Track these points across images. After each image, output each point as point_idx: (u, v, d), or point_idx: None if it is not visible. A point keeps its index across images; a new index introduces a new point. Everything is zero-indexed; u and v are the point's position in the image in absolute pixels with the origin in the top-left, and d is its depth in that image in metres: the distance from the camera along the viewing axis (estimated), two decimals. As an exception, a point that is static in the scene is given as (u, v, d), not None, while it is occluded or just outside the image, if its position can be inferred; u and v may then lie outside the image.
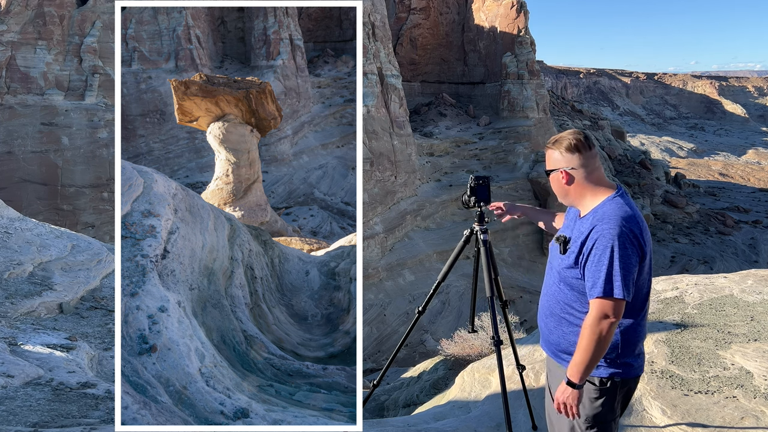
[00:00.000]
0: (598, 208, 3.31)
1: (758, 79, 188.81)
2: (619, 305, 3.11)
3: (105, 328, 7.16)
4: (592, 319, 3.13)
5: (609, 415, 3.37)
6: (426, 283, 51.91)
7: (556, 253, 3.46)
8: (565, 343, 3.44)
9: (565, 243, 3.38)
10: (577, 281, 3.32)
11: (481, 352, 9.13)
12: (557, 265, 3.44)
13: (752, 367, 5.32)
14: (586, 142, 3.39)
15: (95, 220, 50.30)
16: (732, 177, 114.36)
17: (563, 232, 3.50)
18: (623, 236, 3.13)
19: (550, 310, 3.51)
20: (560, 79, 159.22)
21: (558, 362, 3.54)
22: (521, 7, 74.35)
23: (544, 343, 3.67)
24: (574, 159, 3.39)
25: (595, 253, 3.15)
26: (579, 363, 3.18)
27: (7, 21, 50.86)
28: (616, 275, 3.09)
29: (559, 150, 3.42)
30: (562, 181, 3.44)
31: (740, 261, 65.12)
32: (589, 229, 3.25)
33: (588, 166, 3.38)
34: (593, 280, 3.14)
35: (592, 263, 3.16)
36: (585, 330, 3.16)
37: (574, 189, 3.42)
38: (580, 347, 3.17)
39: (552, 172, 3.48)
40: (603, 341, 3.11)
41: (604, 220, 3.20)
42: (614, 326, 3.11)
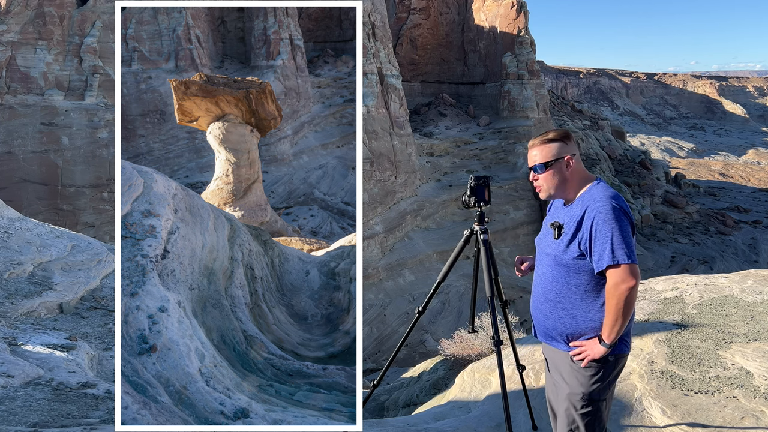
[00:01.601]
0: (586, 194, 3.57)
1: (758, 79, 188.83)
2: (632, 269, 3.32)
3: (105, 328, 7.16)
4: (611, 286, 3.36)
5: (603, 392, 3.57)
6: (426, 283, 51.92)
7: (550, 240, 3.66)
8: (561, 326, 3.61)
9: (559, 228, 3.59)
10: (573, 261, 3.51)
11: (481, 352, 9.13)
12: (552, 250, 3.63)
13: (752, 367, 5.32)
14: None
15: (95, 220, 50.30)
16: (732, 177, 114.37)
17: (554, 219, 3.70)
18: (616, 210, 3.39)
19: (544, 297, 3.67)
20: (560, 79, 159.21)
21: (555, 346, 3.69)
22: (521, 7, 74.35)
23: (540, 332, 3.80)
24: (574, 146, 3.66)
25: (596, 229, 3.39)
26: (607, 325, 3.41)
27: (7, 21, 50.86)
28: (620, 244, 3.33)
29: (563, 140, 3.64)
30: (565, 170, 3.61)
31: (740, 261, 65.11)
32: (581, 212, 3.49)
33: (578, 155, 3.70)
34: (599, 253, 3.38)
35: (595, 239, 3.39)
36: (608, 297, 3.39)
37: (572, 175, 3.63)
38: (609, 312, 3.39)
39: (557, 161, 3.61)
40: (627, 304, 3.33)
41: (595, 200, 3.46)
42: (635, 289, 3.33)
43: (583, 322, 3.54)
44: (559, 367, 3.67)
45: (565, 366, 3.62)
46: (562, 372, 3.65)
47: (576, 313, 3.55)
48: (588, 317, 3.53)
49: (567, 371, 3.61)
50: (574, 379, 3.57)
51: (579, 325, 3.55)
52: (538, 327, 3.81)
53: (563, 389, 3.63)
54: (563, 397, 3.62)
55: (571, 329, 3.57)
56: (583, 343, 3.55)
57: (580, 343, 3.56)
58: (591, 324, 3.53)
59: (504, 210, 61.17)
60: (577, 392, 3.55)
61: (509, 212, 61.48)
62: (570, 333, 3.59)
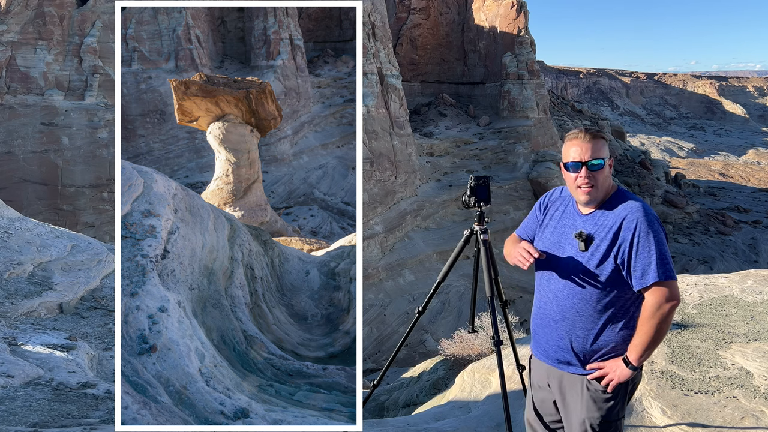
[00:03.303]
0: (617, 201, 3.25)
1: (758, 79, 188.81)
2: (676, 287, 3.10)
3: (105, 328, 7.16)
4: (654, 303, 3.07)
5: (622, 411, 3.33)
6: (426, 283, 51.90)
7: (570, 252, 3.28)
8: (578, 345, 3.31)
9: (588, 240, 3.23)
10: (604, 276, 3.18)
11: (481, 352, 9.13)
12: (574, 263, 3.26)
13: (752, 367, 5.31)
14: None
15: (95, 220, 50.29)
16: (732, 177, 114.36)
17: (574, 229, 3.31)
18: (657, 223, 3.14)
19: (561, 315, 3.33)
20: (560, 79, 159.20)
21: (566, 370, 3.37)
22: (521, 7, 74.36)
23: (548, 355, 3.46)
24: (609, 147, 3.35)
25: (638, 242, 3.10)
26: (640, 345, 3.13)
27: (7, 21, 50.86)
28: (666, 258, 3.08)
29: (604, 138, 3.30)
30: (610, 172, 3.29)
31: (740, 261, 65.12)
32: (617, 221, 3.17)
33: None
34: (642, 269, 3.08)
35: (639, 252, 3.09)
36: (647, 315, 3.10)
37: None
38: (642, 331, 3.12)
39: (606, 159, 3.26)
40: (666, 324, 3.09)
41: (634, 210, 3.16)
42: (675, 308, 3.10)
43: (604, 341, 3.25)
44: (571, 391, 3.36)
45: (580, 391, 3.31)
46: (574, 397, 3.34)
47: (598, 332, 3.25)
48: (610, 336, 3.25)
49: (582, 396, 3.30)
50: (592, 404, 3.27)
51: (599, 345, 3.27)
52: (547, 349, 3.44)
53: (577, 414, 3.32)
54: (577, 422, 3.31)
55: (590, 349, 3.28)
56: (602, 365, 3.26)
57: (599, 366, 3.26)
58: (612, 343, 3.25)
59: (504, 210, 61.14)
60: (595, 416, 3.25)
61: (509, 212, 61.44)
62: (588, 353, 3.29)
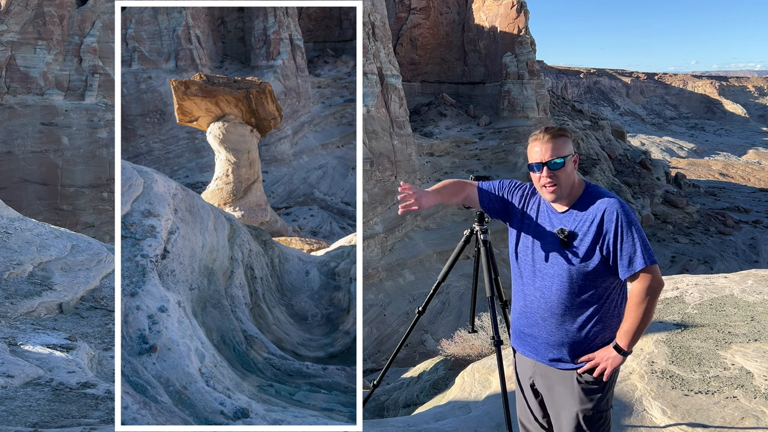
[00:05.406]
0: (592, 196, 3.35)
1: (758, 79, 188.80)
2: (659, 270, 3.23)
3: (105, 328, 7.16)
4: (642, 289, 3.18)
5: (610, 400, 3.44)
6: (426, 283, 51.92)
7: (552, 248, 3.36)
8: (568, 340, 3.37)
9: (570, 236, 3.31)
10: (591, 269, 3.27)
11: (481, 352, 9.13)
12: (558, 260, 3.34)
13: (752, 367, 5.31)
14: None
15: (95, 220, 50.31)
16: (732, 177, 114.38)
17: (553, 226, 3.38)
18: (631, 211, 3.29)
19: (549, 312, 3.39)
20: (560, 79, 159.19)
21: (556, 366, 3.43)
22: (521, 7, 74.40)
23: (538, 353, 3.51)
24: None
25: (622, 232, 3.21)
26: (629, 331, 3.23)
27: (7, 21, 50.87)
28: (647, 245, 3.22)
29: (566, 136, 3.37)
30: (574, 168, 3.36)
31: (740, 261, 65.14)
32: (597, 214, 3.26)
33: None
34: (629, 257, 3.20)
35: (624, 242, 3.21)
36: (637, 301, 3.21)
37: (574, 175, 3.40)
38: (631, 317, 3.22)
39: (568, 157, 3.33)
40: (654, 307, 3.22)
41: (611, 202, 3.28)
42: (661, 290, 3.24)
43: (594, 332, 3.34)
44: (560, 386, 3.42)
45: (571, 385, 3.39)
46: (564, 391, 3.41)
47: (586, 323, 3.33)
48: (598, 326, 3.33)
49: (573, 390, 3.38)
50: (583, 396, 3.36)
51: (589, 336, 3.34)
52: (537, 347, 3.49)
53: (570, 408, 3.39)
54: (569, 417, 3.38)
55: (580, 341, 3.35)
56: (592, 356, 3.33)
57: (588, 357, 3.34)
58: (601, 333, 3.33)
59: (504, 210, 61.07)
60: (588, 408, 3.35)
61: (509, 212, 61.37)
62: (578, 346, 3.36)
